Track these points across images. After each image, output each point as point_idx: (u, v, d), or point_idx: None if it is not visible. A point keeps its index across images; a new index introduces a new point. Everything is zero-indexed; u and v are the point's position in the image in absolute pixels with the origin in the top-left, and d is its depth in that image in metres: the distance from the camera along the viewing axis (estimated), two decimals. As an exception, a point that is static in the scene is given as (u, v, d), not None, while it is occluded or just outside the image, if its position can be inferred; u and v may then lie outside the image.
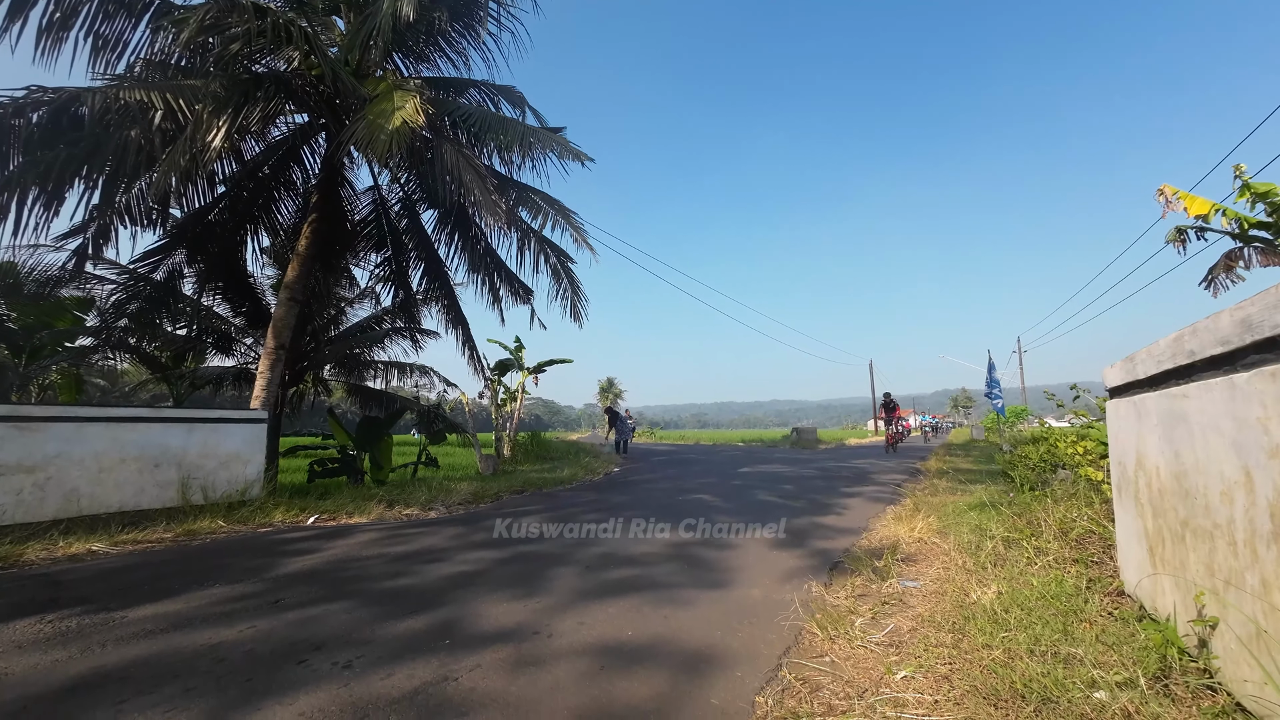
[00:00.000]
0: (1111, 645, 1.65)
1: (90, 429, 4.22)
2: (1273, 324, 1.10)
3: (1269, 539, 1.14)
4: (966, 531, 3.41)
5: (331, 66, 5.50)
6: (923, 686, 1.58)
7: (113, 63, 5.87)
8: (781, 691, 1.62)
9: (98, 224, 6.15)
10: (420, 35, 7.04)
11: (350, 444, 7.68)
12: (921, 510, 4.37)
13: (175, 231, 7.14)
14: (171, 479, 4.59)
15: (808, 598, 2.46)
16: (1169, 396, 1.61)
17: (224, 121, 5.30)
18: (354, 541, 3.72)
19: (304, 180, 7.79)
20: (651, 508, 5.16)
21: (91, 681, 1.66)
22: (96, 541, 3.47)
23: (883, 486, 6.70)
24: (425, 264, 8.46)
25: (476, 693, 1.61)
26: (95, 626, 2.10)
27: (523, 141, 6.50)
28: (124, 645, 1.93)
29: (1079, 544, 2.79)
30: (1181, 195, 7.60)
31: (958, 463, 9.33)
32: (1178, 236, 8.07)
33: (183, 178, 5.66)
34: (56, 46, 5.51)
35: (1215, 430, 1.34)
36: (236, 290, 8.47)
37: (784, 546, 3.52)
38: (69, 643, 1.95)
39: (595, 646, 1.96)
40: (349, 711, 1.49)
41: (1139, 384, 1.89)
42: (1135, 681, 1.40)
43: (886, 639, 1.98)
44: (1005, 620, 1.93)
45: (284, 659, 1.82)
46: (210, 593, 2.54)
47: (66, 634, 2.03)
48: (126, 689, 1.60)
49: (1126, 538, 2.11)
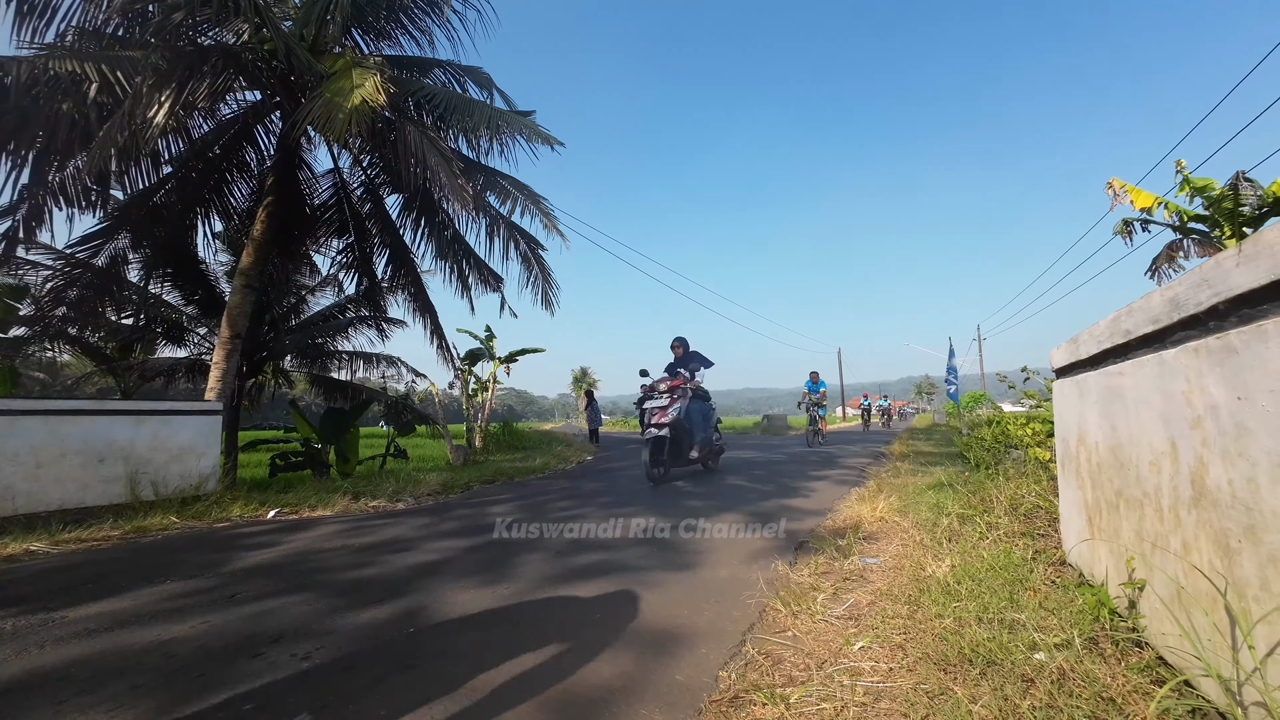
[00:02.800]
0: (1052, 610, 1.74)
1: (25, 422, 3.97)
2: (1196, 302, 1.17)
3: (1189, 504, 1.22)
4: (925, 510, 3.54)
5: (285, 41, 5.23)
6: (878, 656, 1.65)
7: (41, 29, 5.43)
8: (745, 665, 1.66)
9: (29, 204, 5.74)
10: (381, 10, 6.74)
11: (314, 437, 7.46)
12: (884, 491, 4.52)
13: (117, 214, 6.71)
14: (118, 474, 4.37)
15: (773, 576, 2.52)
16: (1107, 374, 1.70)
17: (167, 97, 4.98)
18: (316, 534, 3.63)
19: (258, 162, 7.41)
20: (623, 494, 5.19)
21: (27, 683, 1.57)
22: (35, 541, 3.28)
23: (848, 470, 6.89)
24: (390, 250, 8.20)
25: (440, 679, 1.59)
26: (32, 627, 1.99)
27: (490, 124, 6.33)
28: (64, 645, 1.84)
29: (1027, 518, 2.93)
30: (1129, 189, 7.97)
31: (920, 446, 9.66)
32: (1125, 228, 8.48)
33: (122, 156, 5.33)
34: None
35: (1146, 404, 1.42)
36: (187, 277, 8.06)
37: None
38: (3, 645, 1.84)
39: (563, 631, 1.97)
40: (307, 702, 1.46)
41: (1081, 364, 1.99)
42: (1071, 642, 1.49)
43: (846, 613, 2.04)
44: (957, 591, 2.02)
45: (238, 652, 1.77)
46: (160, 589, 2.44)
47: (0, 636, 1.92)
48: (66, 689, 1.53)
49: (1069, 510, 2.23)
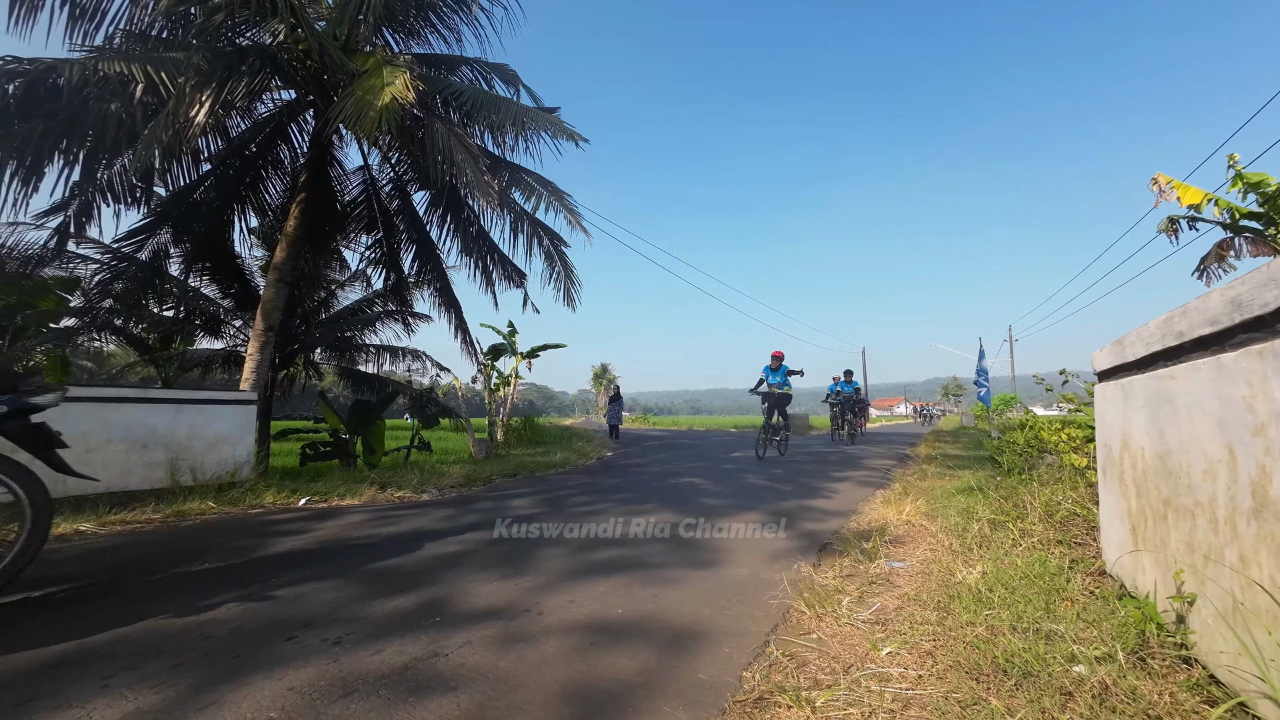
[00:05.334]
0: (1091, 622, 1.68)
1: (75, 409, 4.16)
2: (1262, 302, 1.10)
3: (1249, 515, 1.16)
4: (954, 514, 3.45)
5: (319, 41, 5.35)
6: (907, 662, 1.61)
7: (91, 33, 5.67)
8: (769, 667, 1.64)
9: (79, 201, 6.00)
10: (411, 10, 6.85)
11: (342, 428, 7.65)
12: (910, 494, 4.42)
13: (160, 210, 6.98)
14: (160, 460, 4.55)
15: (796, 577, 2.49)
16: (1156, 378, 1.62)
17: (207, 96, 5.16)
18: (345, 523, 3.72)
19: (292, 159, 7.62)
20: (642, 491, 5.19)
21: (77, 658, 1.65)
22: (84, 522, 3.44)
23: (872, 471, 6.76)
24: (417, 246, 8.35)
25: (466, 668, 1.61)
26: (82, 604, 2.09)
27: (516, 120, 6.38)
28: (111, 622, 1.92)
29: (1063, 526, 2.83)
30: (1175, 185, 7.61)
31: (947, 449, 9.43)
32: (1170, 226, 8.10)
33: (166, 154, 5.52)
34: (31, 15, 5.31)
35: (1200, 410, 1.35)
36: (224, 271, 8.33)
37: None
38: (55, 620, 1.94)
39: (584, 624, 1.98)
40: (338, 686, 1.49)
41: (1127, 366, 1.90)
42: (1114, 656, 1.43)
43: (873, 617, 2.00)
44: (989, 599, 1.96)
45: (272, 635, 1.82)
46: (198, 571, 2.54)
47: (52, 611, 2.02)
48: (112, 665, 1.60)
49: (1110, 518, 2.14)
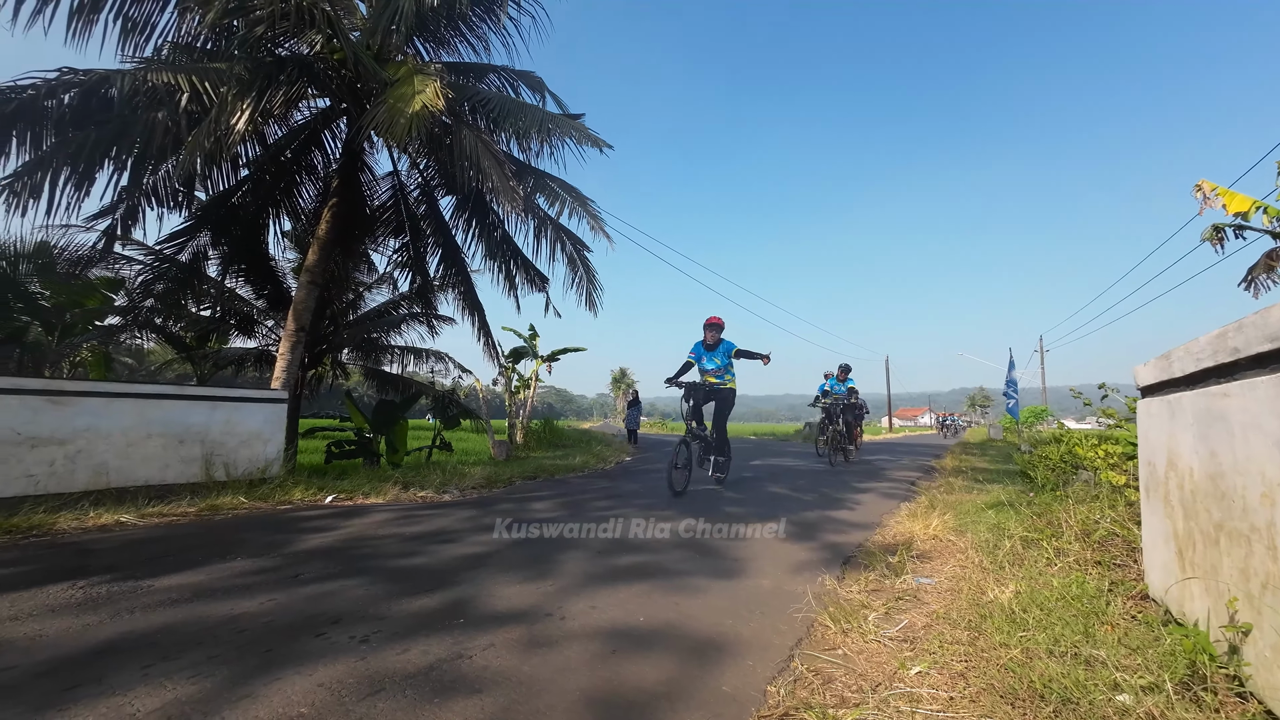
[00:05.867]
0: (1135, 649, 1.61)
1: (118, 404, 4.34)
2: (1329, 319, 1.05)
3: (1313, 544, 1.09)
4: (984, 530, 3.35)
5: (353, 50, 5.52)
6: (937, 683, 1.56)
7: (141, 45, 5.96)
8: (793, 682, 1.61)
9: (126, 205, 6.29)
10: (441, 19, 7.02)
11: (367, 427, 7.81)
12: (937, 508, 4.31)
13: (200, 214, 7.27)
14: (195, 455, 4.71)
15: (820, 590, 2.44)
16: (1207, 395, 1.55)
17: (247, 104, 5.35)
18: (370, 521, 3.79)
19: (324, 165, 7.86)
20: (662, 496, 5.17)
21: (119, 645, 1.71)
22: (124, 513, 3.57)
23: (896, 483, 6.62)
24: (442, 250, 8.51)
25: (490, 670, 1.62)
26: (123, 594, 2.17)
27: (541, 127, 6.47)
28: (150, 612, 1.99)
29: (1101, 546, 2.72)
30: (1220, 191, 7.31)
31: (974, 462, 9.18)
32: (1215, 234, 7.78)
33: (207, 160, 5.75)
34: (87, 29, 5.60)
35: (1258, 430, 1.29)
36: (258, 273, 8.62)
37: (795, 539, 3.50)
38: (98, 608, 2.01)
39: (606, 630, 1.97)
40: (365, 684, 1.52)
41: (1174, 382, 1.83)
42: (1161, 685, 1.36)
43: (900, 634, 1.95)
44: (1023, 620, 1.89)
45: (302, 631, 1.86)
46: (232, 566, 2.61)
47: (96, 600, 2.10)
48: (152, 654, 1.65)
49: (1153, 540, 2.05)
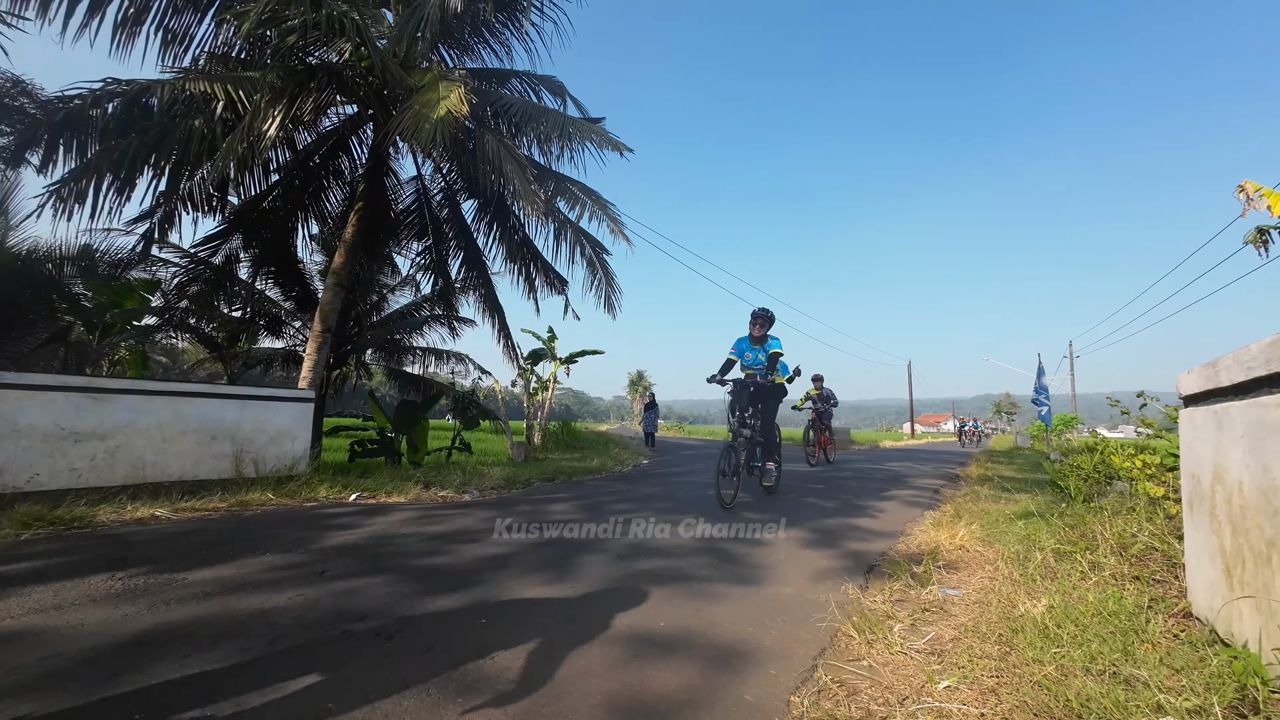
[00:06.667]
0: (1179, 669, 1.54)
1: (155, 401, 4.50)
2: (1397, 328, 0.99)
3: (1378, 565, 1.04)
4: (1013, 541, 3.25)
5: (381, 58, 5.64)
6: (967, 698, 1.52)
7: (180, 55, 6.18)
8: (817, 693, 1.59)
9: (164, 209, 6.51)
10: (465, 26, 7.13)
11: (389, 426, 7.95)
12: (963, 517, 4.20)
13: (233, 218, 7.50)
14: (226, 451, 4.85)
15: (843, 599, 2.40)
16: (1259, 406, 1.48)
17: (279, 111, 5.51)
18: (393, 519, 3.85)
19: (351, 170, 8.04)
20: (681, 500, 5.15)
21: (157, 636, 1.77)
22: (160, 507, 3.69)
23: (920, 490, 6.48)
24: (464, 253, 8.62)
25: (511, 672, 1.63)
26: (160, 586, 2.24)
27: (562, 131, 6.52)
28: (186, 604, 2.05)
29: (1139, 561, 2.62)
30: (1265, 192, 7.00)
31: (1001, 470, 8.94)
32: (1258, 237, 7.44)
33: (240, 165, 5.93)
34: (130, 41, 5.83)
35: (1316, 444, 1.22)
36: (287, 275, 8.84)
37: (816, 546, 3.45)
38: (137, 599, 2.08)
39: (626, 634, 1.97)
40: (391, 682, 1.54)
41: (1221, 391, 1.75)
42: (1209, 709, 1.30)
43: (927, 647, 1.91)
44: (1057, 635, 1.83)
45: (330, 627, 1.90)
46: (262, 560, 2.67)
47: (135, 591, 2.17)
48: (189, 645, 1.70)
49: (1198, 556, 1.97)
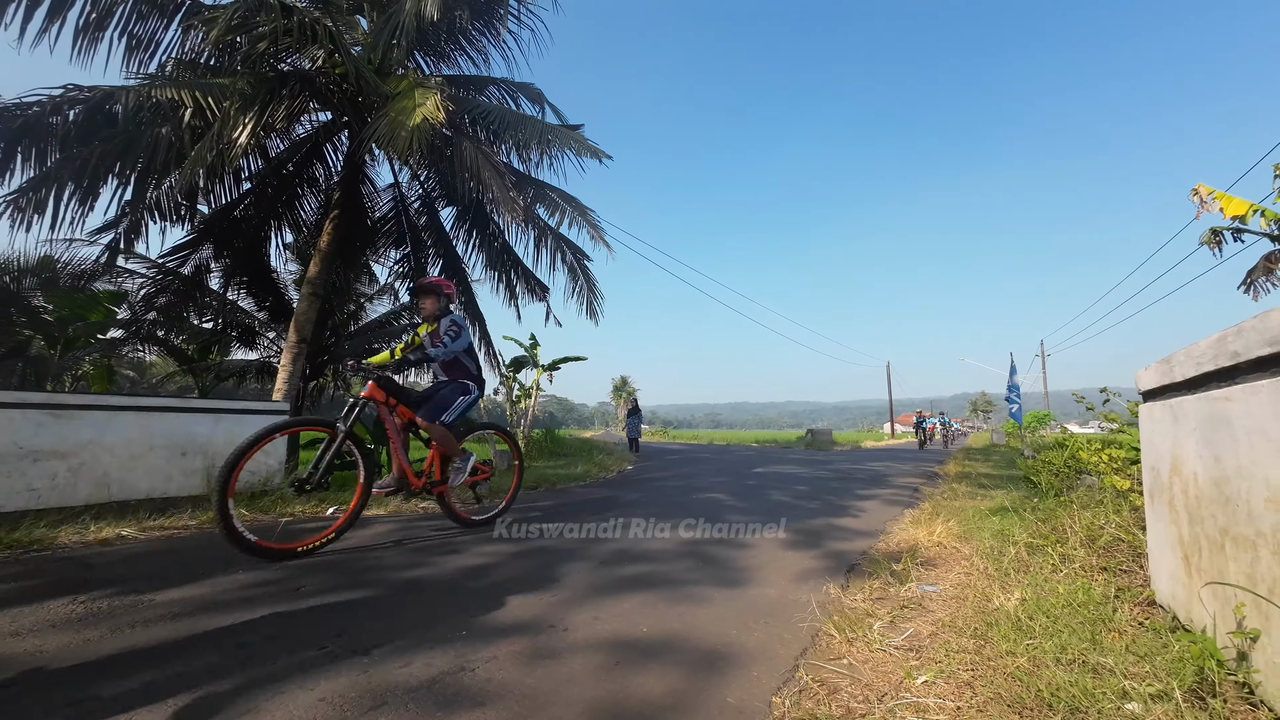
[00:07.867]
0: (1143, 656, 1.59)
1: (121, 417, 4.35)
2: (1327, 323, 1.05)
3: (1319, 548, 1.09)
4: (988, 537, 3.34)
5: (355, 65, 5.58)
6: (944, 692, 1.55)
7: (145, 61, 6.03)
8: (799, 692, 1.60)
9: (129, 219, 6.33)
10: (442, 34, 7.10)
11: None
12: (940, 514, 4.29)
13: (202, 227, 7.32)
14: (197, 467, 4.70)
15: (824, 599, 2.43)
16: (1209, 399, 1.55)
17: (250, 119, 5.41)
18: (371, 533, 3.78)
19: (326, 177, 7.92)
20: (664, 505, 5.15)
21: (121, 660, 1.70)
22: (126, 527, 3.56)
23: (899, 489, 6.59)
24: (443, 260, 8.55)
25: (493, 683, 1.61)
26: (125, 608, 2.16)
27: (541, 138, 6.52)
28: (151, 627, 1.98)
29: (1106, 552, 2.71)
30: (1218, 195, 7.34)
31: (977, 467, 9.15)
32: (1213, 238, 7.81)
33: (209, 173, 5.81)
34: (92, 46, 5.68)
35: (1261, 434, 1.29)
36: (260, 285, 8.66)
37: (799, 547, 3.48)
38: (100, 622, 2.00)
39: (610, 641, 1.96)
40: (368, 698, 1.51)
41: (1176, 386, 1.83)
42: (1170, 694, 1.35)
43: (906, 643, 1.94)
44: (1030, 627, 1.88)
45: (304, 645, 1.85)
46: (234, 579, 2.60)
47: (98, 614, 2.09)
48: (153, 669, 1.64)
49: (1159, 546, 2.04)
